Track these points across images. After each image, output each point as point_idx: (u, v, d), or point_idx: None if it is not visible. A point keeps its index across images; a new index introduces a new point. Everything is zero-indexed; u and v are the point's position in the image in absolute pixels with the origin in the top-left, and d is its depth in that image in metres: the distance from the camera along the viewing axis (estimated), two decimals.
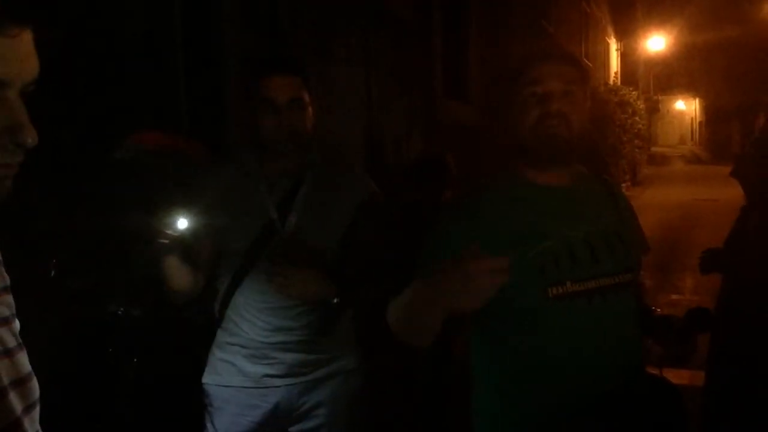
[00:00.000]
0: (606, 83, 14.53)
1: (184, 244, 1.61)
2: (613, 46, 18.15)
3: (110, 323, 2.24)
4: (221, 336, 1.80)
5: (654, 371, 1.72)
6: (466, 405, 1.61)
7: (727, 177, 3.45)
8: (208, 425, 1.80)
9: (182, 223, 1.57)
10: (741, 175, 3.03)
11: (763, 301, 2.61)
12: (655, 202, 3.11)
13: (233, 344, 1.77)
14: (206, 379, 1.81)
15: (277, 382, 1.76)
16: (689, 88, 25.32)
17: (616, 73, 17.36)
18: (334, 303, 1.75)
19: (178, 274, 1.67)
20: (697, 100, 28.44)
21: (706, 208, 10.95)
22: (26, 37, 0.75)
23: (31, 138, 0.76)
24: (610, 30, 17.32)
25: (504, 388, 1.53)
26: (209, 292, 1.82)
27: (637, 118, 14.15)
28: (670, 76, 23.95)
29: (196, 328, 1.97)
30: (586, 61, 13.28)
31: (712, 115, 24.98)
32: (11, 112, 0.75)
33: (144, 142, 2.14)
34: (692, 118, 32.24)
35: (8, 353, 0.81)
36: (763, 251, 2.65)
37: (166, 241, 1.57)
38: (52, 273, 2.20)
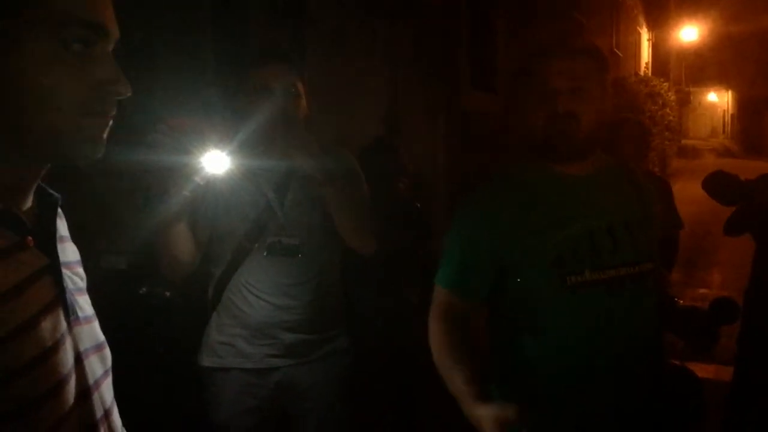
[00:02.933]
0: (636, 74, 14.31)
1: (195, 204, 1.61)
2: (645, 36, 17.85)
3: (141, 303, 2.28)
4: (218, 318, 1.82)
5: (677, 363, 1.71)
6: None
7: (760, 171, 3.39)
8: (210, 407, 1.83)
9: (222, 164, 1.51)
10: None
11: None
12: (684, 195, 3.09)
13: (233, 326, 1.80)
14: (205, 362, 1.83)
15: (278, 362, 1.79)
16: (721, 79, 24.84)
17: (647, 64, 17.10)
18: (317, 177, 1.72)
19: (184, 242, 1.69)
20: (730, 92, 27.88)
21: None
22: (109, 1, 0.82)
23: (126, 90, 0.82)
24: (641, 20, 17.03)
25: (522, 376, 1.54)
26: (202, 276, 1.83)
27: (667, 110, 13.92)
28: (702, 67, 23.49)
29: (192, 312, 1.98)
30: (617, 51, 13.10)
31: (744, 107, 24.48)
32: (111, 66, 0.81)
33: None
34: (724, 111, 31.60)
35: (87, 320, 0.86)
36: None
37: (201, 183, 1.51)
38: (97, 255, 2.24)
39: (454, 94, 5.14)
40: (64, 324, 0.80)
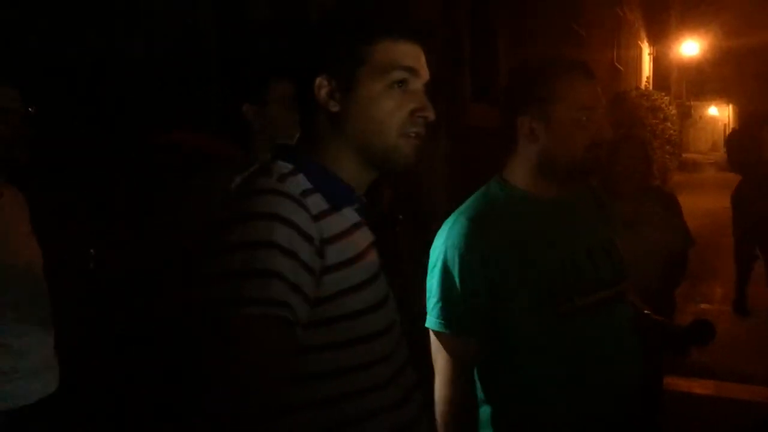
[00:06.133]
0: (637, 87, 14.35)
1: None
2: (646, 50, 17.91)
3: (136, 318, 2.27)
4: None
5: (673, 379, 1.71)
6: None
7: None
8: None
9: None
10: None
11: None
12: (685, 209, 3.07)
13: None
14: None
15: None
16: (722, 93, 24.86)
17: (648, 78, 17.14)
18: None
19: None
20: (731, 107, 27.93)
21: None
22: (421, 50, 1.15)
23: (432, 115, 1.14)
24: (642, 34, 17.09)
25: (514, 403, 1.52)
26: None
27: (668, 124, 13.93)
28: (703, 81, 23.52)
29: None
30: (618, 65, 13.13)
31: (742, 121, 24.46)
32: (422, 97, 1.13)
33: (184, 144, 2.18)
34: (725, 125, 31.62)
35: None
36: None
37: None
38: (90, 263, 2.25)
39: (456, 108, 5.15)
40: (379, 280, 1.13)
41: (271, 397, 0.95)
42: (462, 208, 1.55)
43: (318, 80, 1.10)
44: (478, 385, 1.56)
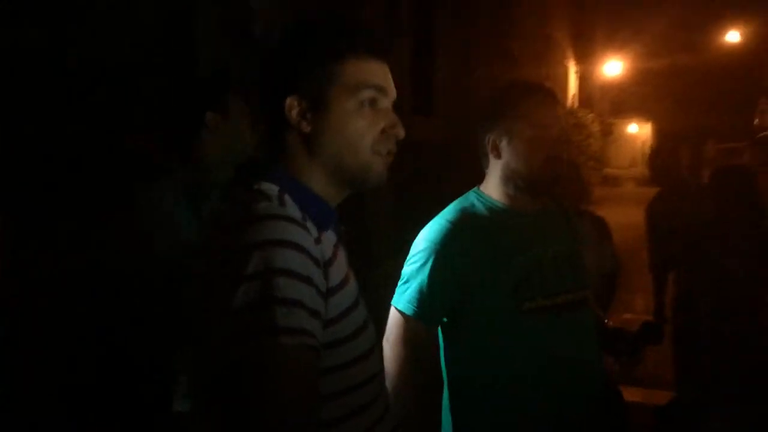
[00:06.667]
0: (563, 105, 14.85)
1: None
2: (572, 68, 18.57)
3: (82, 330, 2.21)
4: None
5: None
6: None
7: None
8: None
9: None
10: None
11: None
12: (608, 222, 3.25)
13: None
14: (182, 406, 1.76)
15: None
16: (641, 112, 26.06)
17: (573, 96, 17.77)
18: None
19: None
20: (650, 124, 29.26)
21: None
22: (387, 68, 1.16)
23: (402, 132, 1.16)
24: (569, 53, 17.72)
25: (478, 394, 1.63)
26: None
27: (591, 140, 14.50)
28: (624, 100, 24.61)
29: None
30: (546, 83, 13.56)
31: (662, 138, 25.66)
32: (391, 115, 1.15)
33: (134, 149, 2.15)
34: (643, 142, 33.05)
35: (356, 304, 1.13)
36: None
37: None
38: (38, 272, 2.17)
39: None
40: (360, 300, 1.13)
41: (311, 425, 0.94)
42: (443, 211, 1.68)
43: (289, 101, 1.08)
44: (444, 374, 1.65)
